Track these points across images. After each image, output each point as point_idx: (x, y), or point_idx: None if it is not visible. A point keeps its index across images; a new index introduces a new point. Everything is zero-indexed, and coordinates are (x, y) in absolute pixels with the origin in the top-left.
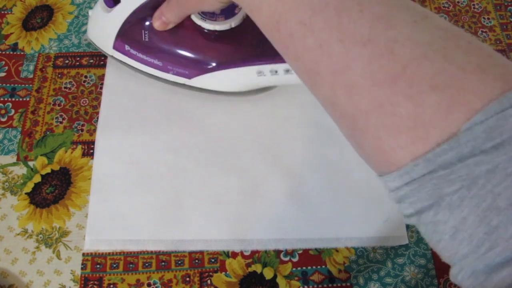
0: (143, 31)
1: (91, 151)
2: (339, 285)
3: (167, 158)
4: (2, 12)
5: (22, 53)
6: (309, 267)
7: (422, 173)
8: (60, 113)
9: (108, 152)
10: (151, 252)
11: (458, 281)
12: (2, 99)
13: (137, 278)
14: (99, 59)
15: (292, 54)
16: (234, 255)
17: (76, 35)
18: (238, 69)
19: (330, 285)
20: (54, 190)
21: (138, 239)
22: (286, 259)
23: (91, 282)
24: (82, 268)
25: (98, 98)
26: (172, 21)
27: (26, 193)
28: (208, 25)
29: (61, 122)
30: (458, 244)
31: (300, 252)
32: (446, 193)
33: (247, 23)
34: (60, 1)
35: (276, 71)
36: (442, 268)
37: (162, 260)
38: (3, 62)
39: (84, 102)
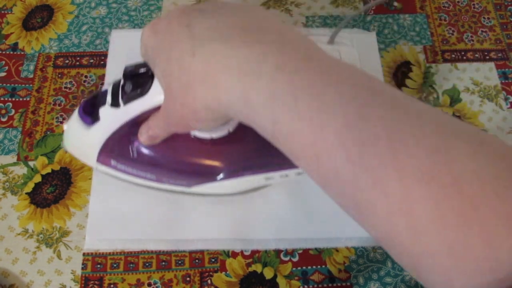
0: (130, 146)
1: None
2: (339, 284)
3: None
4: (2, 12)
5: (22, 53)
6: (309, 267)
7: None
8: (61, 113)
9: None
10: (152, 252)
11: None
12: (2, 99)
13: (138, 278)
14: (99, 59)
15: (336, 191)
16: (234, 254)
17: (76, 35)
18: (243, 178)
19: (330, 284)
20: (54, 190)
21: (138, 239)
22: (286, 258)
23: (92, 282)
24: (82, 268)
25: None
26: (161, 136)
27: (26, 193)
28: (203, 134)
29: (61, 122)
30: None
31: (300, 252)
32: None
33: (248, 128)
34: (60, 0)
35: (286, 175)
36: None
37: (163, 260)
38: (3, 62)
39: None
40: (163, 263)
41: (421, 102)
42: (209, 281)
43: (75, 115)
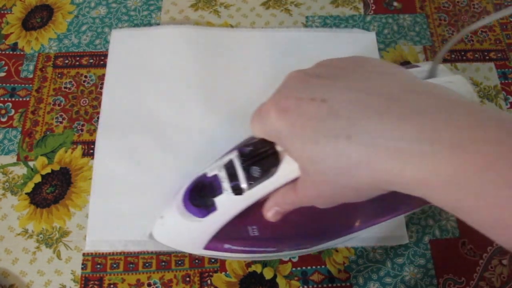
0: (249, 227)
1: (91, 151)
2: (339, 285)
3: (167, 158)
4: (2, 11)
5: (22, 53)
6: (309, 267)
7: None
8: (60, 113)
9: (108, 152)
10: (151, 252)
11: None
12: (2, 99)
13: (138, 278)
14: (99, 59)
15: None
16: None
17: (76, 35)
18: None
19: (330, 285)
20: (54, 190)
21: (138, 240)
22: (286, 259)
23: (92, 282)
24: (82, 268)
25: (98, 98)
26: (289, 210)
27: (26, 193)
28: None
29: (61, 122)
30: None
31: None
32: None
33: None
34: (60, 0)
35: None
36: (442, 268)
37: (162, 260)
38: (3, 62)
39: (84, 102)
40: (163, 263)
41: None
42: (209, 281)
43: (178, 207)
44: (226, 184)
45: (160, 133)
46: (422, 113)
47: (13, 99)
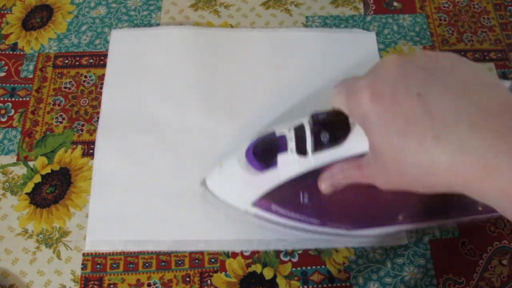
0: (301, 193)
1: (91, 151)
2: (338, 285)
3: (167, 158)
4: (2, 12)
5: (21, 53)
6: (308, 267)
7: None
8: (60, 113)
9: (108, 152)
10: (151, 252)
11: None
12: (2, 99)
13: (137, 278)
14: (99, 59)
15: None
16: (234, 255)
17: (76, 35)
18: (407, 225)
19: (329, 285)
20: (54, 190)
21: (138, 240)
22: (286, 259)
23: (91, 282)
24: (82, 268)
25: (98, 98)
26: (343, 184)
27: (26, 193)
28: None
29: (61, 122)
30: None
31: (300, 252)
32: None
33: None
34: (59, 0)
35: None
36: (441, 268)
37: (162, 260)
38: (3, 62)
39: (84, 102)
40: (163, 263)
41: None
42: (208, 281)
43: (239, 158)
44: (292, 144)
45: (160, 133)
46: None
47: (13, 99)
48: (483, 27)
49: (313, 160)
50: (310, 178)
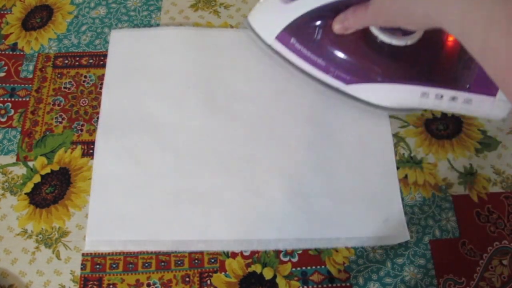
0: (316, 29)
1: (91, 151)
2: (338, 285)
3: (167, 158)
4: (2, 12)
5: (21, 53)
6: (308, 267)
7: None
8: (60, 113)
9: (108, 152)
10: (151, 252)
11: None
12: (1, 99)
13: (137, 278)
14: (98, 59)
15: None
16: (233, 255)
17: (76, 35)
18: (402, 86)
19: (329, 285)
20: (53, 190)
21: (138, 240)
22: (286, 259)
23: (91, 282)
24: (81, 268)
25: (97, 98)
26: (353, 28)
27: (25, 193)
28: (384, 38)
29: (60, 122)
30: None
31: (299, 252)
32: None
33: (424, 44)
34: (59, 1)
35: (441, 96)
36: (442, 268)
37: (162, 260)
38: (3, 62)
39: (84, 102)
40: (163, 263)
41: None
42: (208, 282)
43: None
44: None
45: (160, 133)
46: None
47: (13, 99)
48: None
49: None
50: (328, 18)
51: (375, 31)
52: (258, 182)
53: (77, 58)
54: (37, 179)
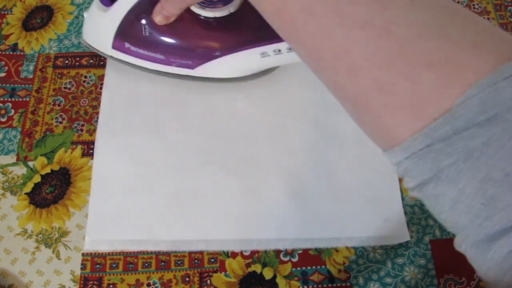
0: (143, 26)
1: (91, 151)
2: (339, 285)
3: (167, 158)
4: (2, 12)
5: (22, 53)
6: (308, 267)
7: (421, 147)
8: (60, 113)
9: (108, 152)
10: (151, 252)
11: (462, 250)
12: (2, 99)
13: (137, 278)
14: (99, 59)
15: (295, 40)
16: (233, 255)
17: (76, 35)
18: (241, 53)
19: (330, 285)
20: (54, 190)
21: (138, 239)
22: (286, 259)
23: (91, 282)
24: (81, 268)
25: (98, 98)
26: (174, 14)
27: (26, 193)
28: (207, 13)
29: (61, 122)
30: (458, 215)
31: (300, 252)
32: (444, 165)
33: (246, 8)
34: (60, 1)
35: (279, 50)
36: (442, 268)
37: (162, 260)
38: (3, 62)
39: (84, 102)
40: (163, 263)
41: None
42: (208, 281)
43: (95, 1)
44: None
45: (160, 133)
46: None
47: (13, 99)
48: None
49: None
50: (149, 13)
51: (195, 9)
52: (258, 182)
53: (77, 58)
54: (37, 179)
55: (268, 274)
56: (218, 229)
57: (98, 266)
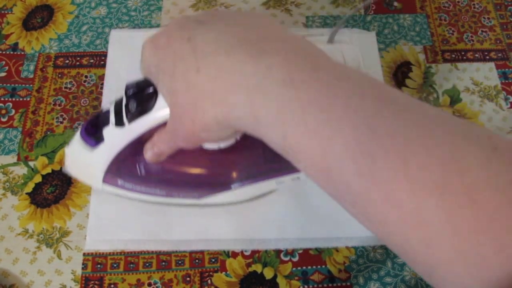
0: (137, 164)
1: None
2: (339, 284)
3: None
4: (3, 12)
5: (22, 53)
6: (309, 267)
7: None
8: (61, 113)
9: None
10: (152, 252)
11: None
12: (2, 99)
13: (138, 278)
14: (99, 59)
15: (348, 203)
16: (234, 255)
17: (77, 35)
18: (254, 185)
19: (330, 284)
20: (54, 190)
21: (139, 239)
22: (286, 258)
23: (92, 282)
24: (82, 268)
25: (98, 98)
26: (166, 152)
27: (26, 193)
28: (210, 145)
29: (61, 122)
30: None
31: (300, 251)
32: None
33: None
34: (60, 0)
35: (298, 178)
36: None
37: (163, 260)
38: (4, 62)
39: (85, 102)
40: (163, 263)
41: (430, 107)
42: (209, 281)
43: (77, 137)
44: (112, 117)
45: None
46: (265, 54)
47: (14, 99)
48: (484, 27)
49: (131, 129)
50: (140, 151)
51: None
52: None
53: (78, 58)
54: (38, 179)
55: (268, 274)
56: (219, 229)
57: (99, 266)
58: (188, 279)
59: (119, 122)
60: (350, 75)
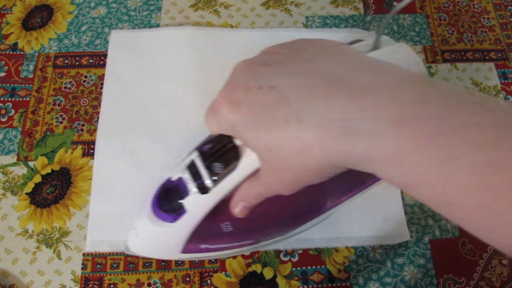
0: (221, 224)
1: (91, 151)
2: (338, 285)
3: (167, 158)
4: (2, 11)
5: (22, 53)
6: (309, 267)
7: None
8: (60, 113)
9: (108, 152)
10: None
11: None
12: (2, 99)
13: (138, 278)
14: (99, 59)
15: (471, 229)
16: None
17: (76, 35)
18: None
19: (329, 285)
20: (54, 190)
21: None
22: (286, 259)
23: (92, 282)
24: (82, 268)
25: (98, 98)
26: (257, 202)
27: (26, 193)
28: None
29: (61, 122)
30: None
31: (300, 252)
32: None
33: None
34: (60, 0)
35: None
36: (441, 268)
37: (162, 260)
38: (3, 62)
39: (84, 102)
40: (163, 263)
41: None
42: (208, 281)
43: (149, 216)
44: (191, 185)
45: (160, 133)
46: (366, 91)
47: (13, 99)
48: (483, 27)
49: (216, 193)
50: (224, 208)
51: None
52: None
53: (78, 58)
54: (37, 179)
55: (268, 274)
56: None
57: (99, 266)
58: (187, 279)
59: (202, 189)
60: (463, 103)
